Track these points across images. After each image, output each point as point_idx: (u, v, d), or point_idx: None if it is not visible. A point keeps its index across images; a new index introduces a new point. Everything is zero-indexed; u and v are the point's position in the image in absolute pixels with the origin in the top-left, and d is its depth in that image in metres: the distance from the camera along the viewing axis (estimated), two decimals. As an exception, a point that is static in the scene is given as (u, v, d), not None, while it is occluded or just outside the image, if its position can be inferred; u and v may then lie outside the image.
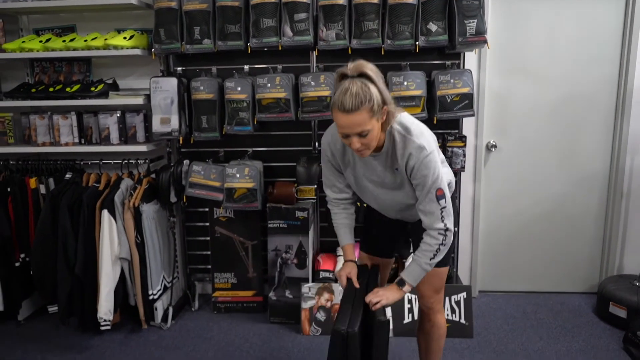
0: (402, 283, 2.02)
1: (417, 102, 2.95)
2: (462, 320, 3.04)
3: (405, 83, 2.94)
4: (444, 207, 1.90)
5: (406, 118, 1.95)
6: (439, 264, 2.05)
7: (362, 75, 1.79)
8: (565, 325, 3.15)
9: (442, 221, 1.91)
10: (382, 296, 1.99)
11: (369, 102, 1.75)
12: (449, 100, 2.96)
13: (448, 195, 1.93)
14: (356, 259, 2.25)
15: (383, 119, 1.85)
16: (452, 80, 2.95)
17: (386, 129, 1.91)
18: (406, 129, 1.90)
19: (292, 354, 2.90)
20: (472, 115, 3.00)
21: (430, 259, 1.96)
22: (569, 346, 2.92)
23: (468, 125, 3.32)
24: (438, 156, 1.94)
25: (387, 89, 1.85)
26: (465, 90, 2.95)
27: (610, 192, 3.40)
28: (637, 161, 3.32)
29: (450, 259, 2.40)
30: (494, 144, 3.40)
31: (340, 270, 2.19)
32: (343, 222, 2.23)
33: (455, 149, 3.11)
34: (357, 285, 2.11)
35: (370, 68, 1.81)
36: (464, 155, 3.13)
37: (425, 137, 1.90)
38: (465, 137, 3.13)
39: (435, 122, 2.98)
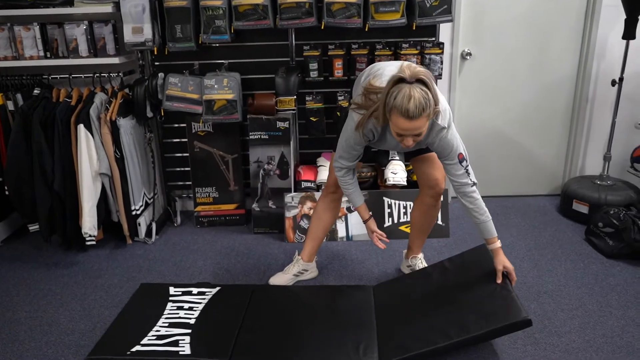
0: (494, 242, 2.29)
1: (397, 7, 2.93)
2: (439, 222, 3.20)
3: (385, -13, 2.90)
4: (467, 166, 2.17)
5: None
6: None
7: (419, 81, 1.88)
8: (533, 223, 3.37)
9: (469, 177, 2.18)
10: (509, 267, 2.27)
11: (429, 108, 1.88)
12: (428, 5, 2.94)
13: (466, 154, 2.17)
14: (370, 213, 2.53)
15: (432, 116, 1.98)
16: (431, -16, 2.92)
17: None
18: None
19: (279, 258, 3.00)
20: (451, 20, 3.01)
21: (484, 213, 2.24)
22: (536, 241, 3.14)
23: (444, 33, 3.34)
24: (452, 122, 2.13)
25: (436, 88, 1.98)
26: (444, -6, 2.94)
27: (577, 96, 3.54)
28: (603, 66, 3.45)
29: None
30: (468, 51, 3.44)
31: (368, 230, 2.52)
32: (354, 187, 2.45)
33: (432, 56, 3.13)
34: (380, 235, 2.49)
35: (424, 73, 1.91)
36: (442, 63, 3.16)
37: (445, 115, 2.07)
38: (442, 44, 3.15)
39: (414, 28, 2.98)
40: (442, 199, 2.65)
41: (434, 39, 3.26)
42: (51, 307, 2.57)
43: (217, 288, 2.60)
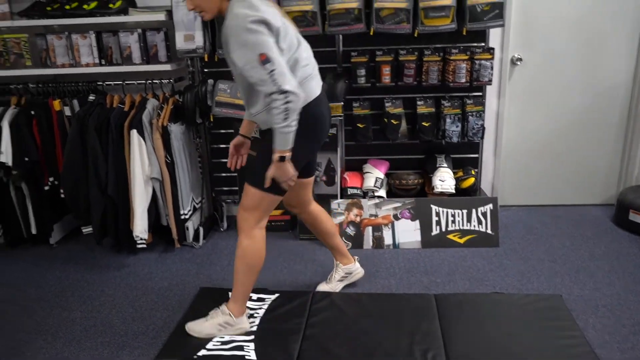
0: (273, 152, 1.99)
1: (447, 12, 2.90)
2: (489, 231, 3.13)
3: (436, -8, 2.87)
4: (273, 70, 1.83)
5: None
6: (254, 185, 2.10)
7: None
8: (586, 234, 3.26)
9: (275, 84, 1.84)
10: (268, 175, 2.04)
11: None
12: (479, 10, 2.90)
13: (276, 58, 1.85)
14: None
15: None
16: (483, -11, 2.88)
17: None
18: None
19: (325, 265, 2.98)
20: (502, 25, 2.96)
21: (283, 120, 1.88)
22: (591, 252, 3.03)
23: (494, 38, 3.28)
24: (265, 28, 1.84)
25: None
26: (496, -2, 2.89)
27: (633, 103, 3.42)
28: (661, 72, 3.33)
29: (277, 188, 2.10)
30: (519, 57, 3.37)
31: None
32: None
33: (483, 62, 3.08)
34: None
35: None
36: (492, 68, 3.10)
37: (248, 4, 1.84)
38: (493, 49, 3.10)
39: (465, 33, 2.94)
40: (243, 240, 2.24)
41: (483, 44, 3.21)
42: (105, 309, 2.63)
43: (276, 294, 2.62)
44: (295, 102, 1.89)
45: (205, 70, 3.34)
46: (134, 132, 2.94)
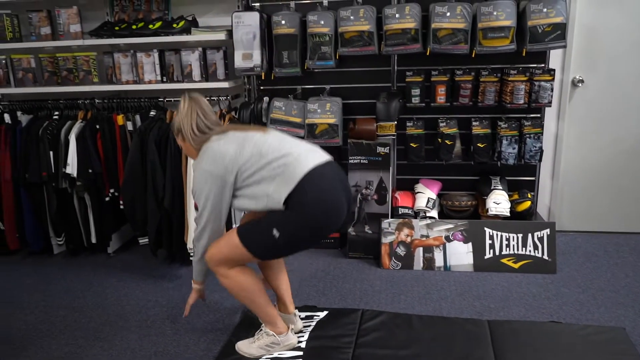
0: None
1: (506, 33, 2.86)
2: (545, 257, 3.02)
3: (495, 13, 2.84)
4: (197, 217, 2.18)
5: (213, 144, 2.11)
6: (241, 235, 2.11)
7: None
8: (651, 264, 3.10)
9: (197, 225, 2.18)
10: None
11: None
12: (540, 31, 2.85)
13: (203, 209, 2.11)
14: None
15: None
16: (544, 10, 2.82)
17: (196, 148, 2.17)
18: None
19: (374, 284, 2.96)
20: (564, 46, 2.89)
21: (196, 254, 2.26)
22: (657, 283, 2.88)
23: (554, 59, 3.20)
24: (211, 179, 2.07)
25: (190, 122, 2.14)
26: (558, 19, 2.82)
27: None
28: None
29: (258, 249, 2.12)
30: (580, 79, 3.27)
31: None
32: None
33: (542, 83, 3.01)
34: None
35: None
36: (552, 90, 3.03)
37: (207, 158, 2.09)
38: (553, 70, 3.02)
39: (524, 54, 2.89)
40: (224, 282, 2.21)
41: (543, 65, 3.14)
42: (158, 319, 2.69)
43: (325, 312, 2.61)
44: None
45: (262, 87, 3.42)
46: (192, 147, 3.02)
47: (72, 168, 3.16)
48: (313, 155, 2.10)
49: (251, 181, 2.05)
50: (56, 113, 3.34)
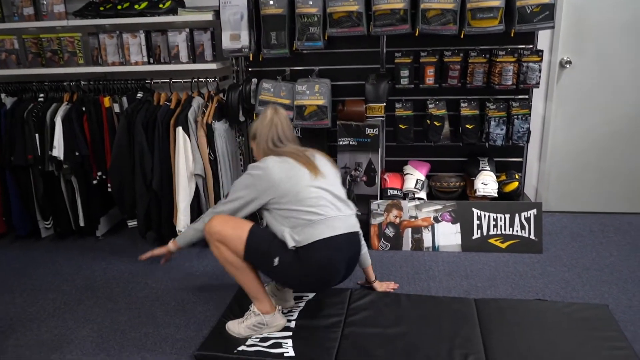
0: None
1: (495, 13, 2.85)
2: (532, 237, 3.06)
3: (484, -7, 2.83)
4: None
5: (273, 163, 2.25)
6: (250, 239, 2.19)
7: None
8: (636, 243, 3.14)
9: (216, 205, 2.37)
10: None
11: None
12: (528, 11, 2.84)
13: (230, 200, 2.29)
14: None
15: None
16: (533, -10, 2.82)
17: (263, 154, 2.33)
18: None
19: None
20: (552, 27, 2.89)
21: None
22: (640, 261, 2.93)
23: (542, 40, 3.21)
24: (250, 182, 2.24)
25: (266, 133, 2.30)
26: (546, 0, 2.82)
27: (689, 109, 3.29)
28: None
29: (255, 258, 2.23)
30: (568, 60, 3.29)
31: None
32: None
33: (530, 64, 3.01)
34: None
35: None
36: (540, 71, 3.03)
37: (258, 169, 2.25)
38: (541, 51, 3.02)
39: (513, 34, 2.89)
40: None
41: (531, 46, 3.14)
42: (148, 301, 2.70)
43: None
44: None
45: (250, 69, 3.39)
46: (180, 130, 3.01)
47: (58, 151, 3.13)
48: (339, 225, 2.21)
49: (279, 213, 2.20)
50: (41, 95, 3.30)
